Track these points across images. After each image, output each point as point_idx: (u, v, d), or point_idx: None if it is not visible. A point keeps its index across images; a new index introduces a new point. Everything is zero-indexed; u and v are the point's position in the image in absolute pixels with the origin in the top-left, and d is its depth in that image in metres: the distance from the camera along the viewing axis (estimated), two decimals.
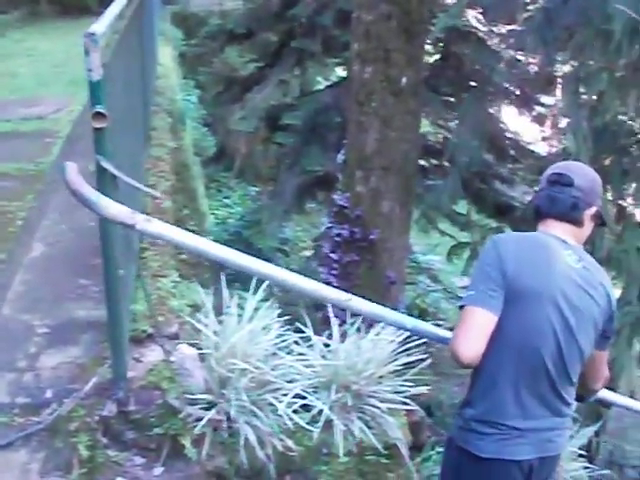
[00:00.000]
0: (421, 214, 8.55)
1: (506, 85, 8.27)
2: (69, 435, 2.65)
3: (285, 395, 2.96)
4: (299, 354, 3.20)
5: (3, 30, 11.34)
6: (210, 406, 2.89)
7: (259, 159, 11.63)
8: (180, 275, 3.95)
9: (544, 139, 9.40)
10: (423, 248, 11.47)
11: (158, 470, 2.71)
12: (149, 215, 4.35)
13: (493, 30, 8.49)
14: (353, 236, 6.14)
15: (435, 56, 9.09)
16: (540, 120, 9.38)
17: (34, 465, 2.53)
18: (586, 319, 2.40)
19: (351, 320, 3.42)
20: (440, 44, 8.84)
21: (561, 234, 2.45)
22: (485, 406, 2.39)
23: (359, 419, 3.11)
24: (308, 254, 9.37)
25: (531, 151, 9.20)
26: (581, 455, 3.91)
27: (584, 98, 6.97)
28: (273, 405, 2.93)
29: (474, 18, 8.55)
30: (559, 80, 8.15)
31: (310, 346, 3.27)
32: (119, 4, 3.12)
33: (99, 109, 2.36)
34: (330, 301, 2.69)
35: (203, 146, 10.25)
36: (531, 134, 9.79)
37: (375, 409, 3.14)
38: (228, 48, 11.42)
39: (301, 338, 3.29)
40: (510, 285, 2.30)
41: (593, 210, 2.51)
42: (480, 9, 8.28)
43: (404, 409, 3.33)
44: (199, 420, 2.80)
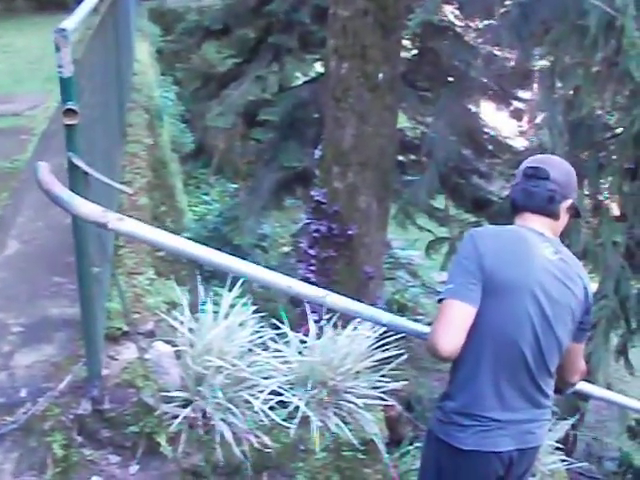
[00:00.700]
0: (399, 209, 8.58)
1: (483, 80, 8.30)
2: (43, 434, 2.63)
3: (261, 392, 2.95)
4: (275, 350, 3.20)
5: None
6: (186, 404, 2.88)
7: (237, 155, 11.60)
8: (157, 272, 3.93)
9: (521, 134, 9.47)
10: (402, 243, 11.49)
11: (134, 468, 2.69)
12: (125, 212, 4.38)
13: (470, 25, 8.52)
14: (331, 232, 6.14)
15: (412, 51, 9.09)
16: (517, 115, 9.45)
17: (7, 465, 2.51)
18: (564, 311, 2.43)
19: (328, 316, 3.42)
20: (417, 39, 8.85)
21: (538, 227, 2.47)
22: (465, 398, 2.41)
23: (336, 415, 3.11)
24: (287, 250, 9.37)
25: (509, 146, 9.24)
26: (558, 448, 3.93)
27: (560, 93, 7.02)
28: (249, 402, 2.92)
29: (451, 13, 8.57)
30: (536, 75, 8.21)
31: (286, 342, 3.27)
32: (92, 0, 3.10)
33: (70, 106, 2.33)
34: (306, 298, 2.70)
35: (181, 142, 10.21)
36: (509, 129, 9.85)
37: (352, 405, 3.15)
38: (206, 44, 11.37)
39: (277, 335, 3.29)
40: (488, 278, 2.32)
41: (569, 203, 2.53)
42: (456, 4, 8.30)
43: (381, 404, 3.33)
44: (175, 418, 2.80)
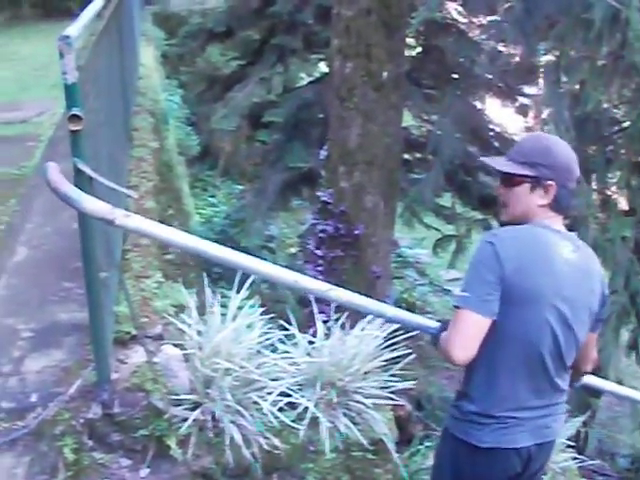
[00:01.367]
0: (405, 208, 8.57)
1: (488, 76, 8.28)
2: (54, 439, 2.64)
3: (270, 393, 2.96)
4: (283, 352, 3.20)
5: None
6: (195, 406, 2.89)
7: (243, 157, 11.60)
8: (164, 275, 3.94)
9: (528, 129, 9.43)
10: (409, 242, 11.49)
11: (144, 471, 2.70)
12: None
13: (473, 22, 8.49)
14: (338, 232, 6.14)
15: (416, 49, 9.08)
16: (523, 111, 9.41)
17: (20, 469, 2.53)
18: (583, 310, 2.42)
19: (335, 316, 3.43)
20: (421, 37, 8.83)
21: (555, 224, 2.41)
22: (484, 402, 2.41)
23: (345, 415, 3.12)
24: (294, 251, 9.37)
25: (515, 142, 9.19)
26: (570, 446, 3.92)
27: (566, 87, 7.00)
28: (258, 404, 2.93)
29: (454, 10, 8.55)
30: (541, 70, 8.18)
31: (295, 344, 3.28)
32: (95, 6, 3.11)
33: (75, 112, 2.35)
34: (310, 291, 2.67)
35: (187, 145, 10.23)
36: (515, 125, 9.81)
37: (361, 405, 3.15)
38: (210, 47, 11.38)
39: (285, 336, 3.29)
40: (507, 288, 2.28)
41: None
42: (460, 1, 8.29)
43: (391, 404, 3.33)
44: (184, 421, 2.80)
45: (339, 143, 6.25)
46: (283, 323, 3.34)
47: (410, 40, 8.47)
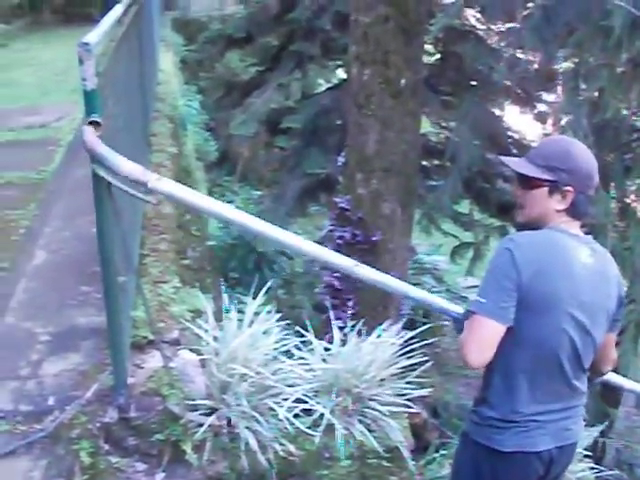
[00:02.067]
0: (423, 215, 8.56)
1: (507, 83, 8.27)
2: (71, 442, 2.65)
3: (286, 400, 2.96)
4: (300, 358, 3.20)
5: (6, 40, 11.42)
6: (211, 412, 2.90)
7: (261, 163, 11.64)
8: (182, 281, 3.96)
9: (546, 137, 9.38)
10: (427, 249, 11.46)
11: (160, 476, 2.71)
12: (150, 221, 4.42)
13: (492, 28, 8.49)
14: (355, 238, 6.14)
15: (434, 56, 9.08)
16: (542, 118, 9.38)
17: (36, 473, 2.54)
18: (600, 314, 2.42)
19: (352, 323, 3.43)
20: (439, 44, 8.83)
21: (572, 228, 2.40)
22: (504, 407, 2.41)
23: (360, 422, 3.11)
24: None
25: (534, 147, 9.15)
26: (587, 456, 3.89)
27: (584, 95, 6.97)
28: (274, 410, 2.93)
29: (473, 17, 8.55)
30: (560, 77, 8.15)
31: (311, 350, 3.28)
32: (115, 13, 3.14)
33: (94, 118, 2.37)
34: (336, 267, 2.66)
35: (206, 151, 10.27)
36: (533, 132, 9.78)
37: (376, 412, 3.14)
38: (229, 53, 11.45)
39: (302, 342, 3.30)
40: (525, 294, 2.27)
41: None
42: (478, 8, 8.27)
43: (407, 411, 3.32)
44: (200, 426, 2.81)
45: (357, 150, 6.26)
46: (299, 329, 3.35)
47: (428, 47, 8.49)
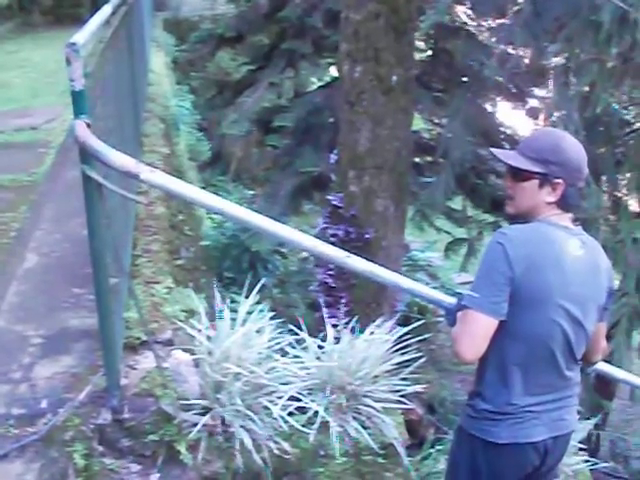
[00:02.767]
0: (416, 211, 8.56)
1: (498, 79, 8.27)
2: (64, 444, 2.64)
3: (280, 398, 2.96)
4: (293, 356, 3.21)
5: None
6: (205, 411, 2.90)
7: (254, 162, 11.63)
8: (175, 281, 3.96)
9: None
10: (420, 245, 11.47)
11: (154, 477, 2.71)
12: (142, 222, 4.42)
13: (482, 25, 8.49)
14: (348, 236, 6.13)
15: (425, 53, 9.08)
16: (534, 113, 9.39)
17: (30, 476, 2.52)
18: (592, 305, 2.44)
19: (345, 320, 3.43)
20: (430, 40, 8.84)
21: (562, 220, 2.42)
22: (497, 400, 2.43)
23: (355, 419, 3.12)
24: (305, 255, 9.37)
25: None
26: (582, 449, 3.90)
27: (575, 90, 6.99)
28: (268, 408, 2.93)
29: (463, 13, 8.55)
30: (551, 72, 8.17)
31: (304, 348, 3.28)
32: (104, 13, 3.13)
33: (83, 119, 2.36)
34: (328, 258, 2.65)
35: (198, 151, 10.26)
36: (525, 127, 9.79)
37: (370, 409, 3.15)
38: (220, 52, 11.42)
39: (296, 340, 3.30)
40: (517, 288, 2.29)
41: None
42: (468, 4, 8.28)
43: (401, 408, 3.32)
44: (194, 426, 2.81)
45: (349, 147, 6.25)
46: (293, 328, 3.35)
47: (419, 43, 8.49)
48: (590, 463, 3.96)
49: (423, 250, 11.38)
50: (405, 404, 3.27)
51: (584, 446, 3.93)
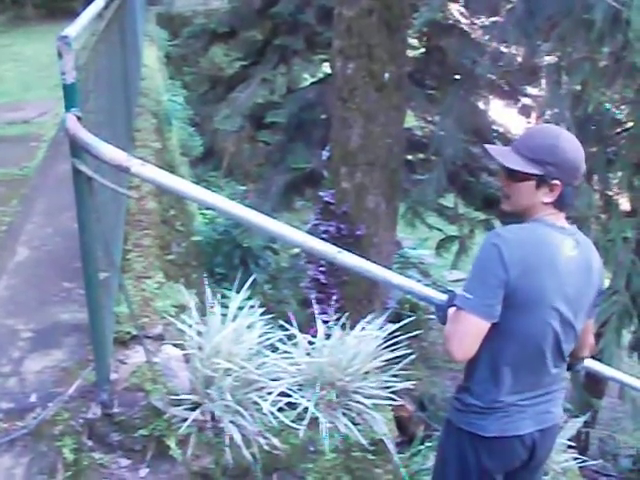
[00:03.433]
0: (408, 208, 8.58)
1: (491, 77, 8.29)
2: (54, 439, 2.64)
3: (270, 394, 2.96)
4: (284, 352, 3.20)
5: None
6: (195, 406, 2.89)
7: (246, 158, 11.62)
8: (166, 276, 3.94)
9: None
10: (412, 243, 11.48)
11: (144, 471, 2.70)
12: (134, 216, 4.41)
13: (476, 23, 8.51)
14: (340, 232, 6.14)
15: (418, 50, 9.09)
16: (526, 111, 9.42)
17: (19, 470, 2.52)
18: (584, 304, 2.45)
19: (336, 317, 3.43)
20: (423, 38, 8.85)
21: (558, 220, 2.40)
22: (485, 396, 2.44)
23: (344, 415, 3.11)
24: (297, 251, 9.38)
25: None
26: (571, 447, 3.92)
27: (567, 88, 7.00)
28: (258, 404, 2.93)
29: (457, 11, 8.56)
30: (543, 71, 8.19)
31: (295, 344, 3.28)
32: (96, 6, 3.11)
33: (74, 112, 2.35)
34: (318, 253, 2.62)
35: (191, 146, 10.22)
36: (517, 125, 9.82)
37: (360, 405, 3.15)
38: (213, 47, 11.41)
39: (286, 336, 3.29)
40: (511, 291, 2.28)
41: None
42: (462, 2, 8.30)
43: (391, 404, 3.33)
44: (184, 421, 2.80)
45: (341, 144, 6.26)
46: (283, 323, 3.35)
47: (412, 41, 8.50)
48: (579, 461, 3.98)
49: (415, 247, 11.39)
50: (395, 401, 3.27)
51: (573, 444, 3.94)
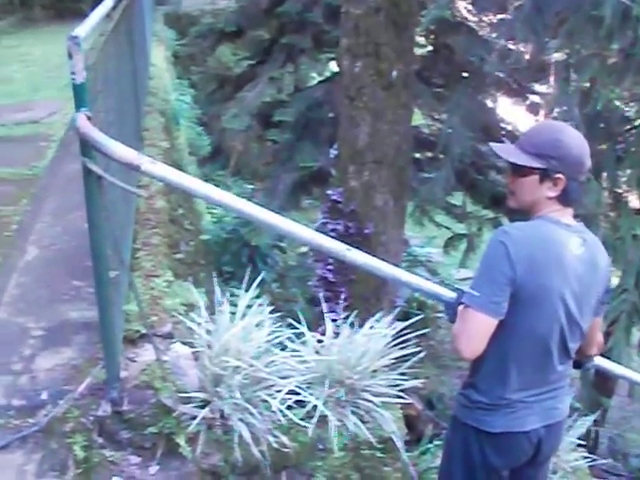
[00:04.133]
0: (416, 207, 8.57)
1: (499, 75, 8.28)
2: (64, 436, 2.66)
3: (279, 391, 2.96)
4: (292, 350, 3.21)
5: None
6: (204, 404, 2.90)
7: (254, 157, 11.63)
8: (175, 274, 3.96)
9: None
10: (420, 241, 11.47)
11: (154, 469, 2.72)
12: (142, 215, 4.42)
13: (483, 20, 8.49)
14: (348, 231, 6.14)
15: (426, 48, 9.08)
16: (534, 109, 9.40)
17: (30, 466, 2.55)
18: (589, 302, 2.45)
19: (344, 315, 3.43)
20: (431, 36, 8.84)
21: (564, 217, 2.40)
22: (491, 392, 2.45)
23: (353, 414, 3.12)
24: (305, 250, 9.38)
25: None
26: (580, 445, 3.91)
27: (576, 85, 6.98)
28: (267, 402, 2.94)
29: (464, 9, 8.55)
30: (552, 68, 8.17)
31: (304, 342, 3.28)
32: (105, 7, 3.13)
33: (84, 111, 2.36)
34: (327, 250, 2.63)
35: (198, 145, 10.25)
36: (526, 123, 9.80)
37: (369, 403, 3.15)
38: (221, 46, 11.42)
39: (295, 334, 3.30)
40: (518, 288, 2.29)
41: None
42: None
43: (400, 402, 3.33)
44: (193, 418, 2.81)
45: (349, 142, 6.25)
46: (292, 322, 3.35)
47: (420, 39, 8.49)
48: (589, 460, 3.96)
49: (422, 245, 11.37)
50: (404, 399, 3.27)
51: (583, 443, 3.93)
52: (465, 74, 8.61)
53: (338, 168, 6.46)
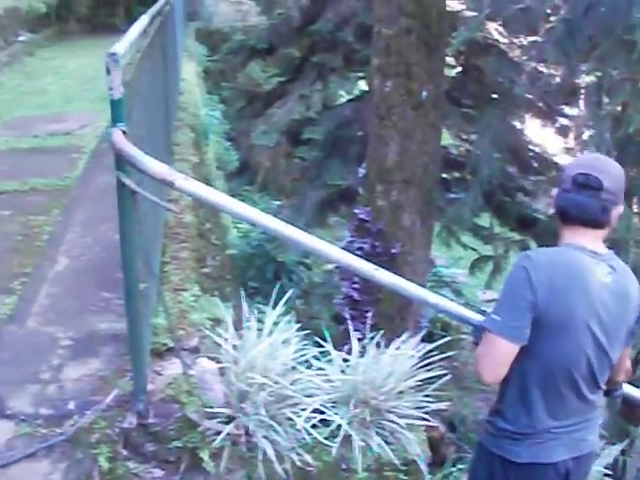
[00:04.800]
0: (443, 227, 8.54)
1: (528, 97, 8.25)
2: (90, 447, 2.68)
3: (304, 410, 2.96)
4: (318, 369, 3.20)
5: (33, 49, 11.58)
6: (229, 420, 2.90)
7: (282, 173, 11.68)
8: (202, 289, 3.98)
9: (567, 151, 9.35)
10: (446, 261, 11.43)
11: None
12: (172, 229, 4.46)
13: (514, 42, 8.48)
14: (374, 250, 6.13)
15: (456, 69, 9.08)
16: (564, 132, 9.34)
17: (56, 475, 2.56)
18: (618, 333, 2.40)
19: (370, 335, 3.42)
20: (461, 57, 8.84)
21: (591, 244, 2.36)
22: (517, 419, 2.41)
23: (378, 434, 3.10)
24: (330, 268, 9.39)
25: (554, 163, 9.15)
26: (607, 475, 3.85)
27: (607, 109, 6.94)
28: (292, 420, 2.93)
29: (495, 30, 8.55)
30: (582, 91, 8.13)
31: (329, 361, 3.28)
32: (141, 23, 3.18)
33: (120, 126, 2.40)
34: (355, 270, 2.64)
35: (226, 160, 10.32)
36: (555, 146, 9.75)
37: (394, 424, 3.13)
38: (251, 63, 11.52)
39: (320, 353, 3.30)
40: (541, 314, 2.27)
41: (620, 209, 2.38)
42: (501, 21, 8.28)
43: (424, 425, 3.31)
44: (218, 434, 2.82)
45: (377, 161, 6.26)
46: (318, 340, 3.35)
47: (450, 60, 8.49)
48: None
49: (448, 266, 11.32)
50: (428, 421, 3.25)
51: (610, 472, 3.87)
52: (495, 95, 8.61)
53: (366, 187, 6.47)
